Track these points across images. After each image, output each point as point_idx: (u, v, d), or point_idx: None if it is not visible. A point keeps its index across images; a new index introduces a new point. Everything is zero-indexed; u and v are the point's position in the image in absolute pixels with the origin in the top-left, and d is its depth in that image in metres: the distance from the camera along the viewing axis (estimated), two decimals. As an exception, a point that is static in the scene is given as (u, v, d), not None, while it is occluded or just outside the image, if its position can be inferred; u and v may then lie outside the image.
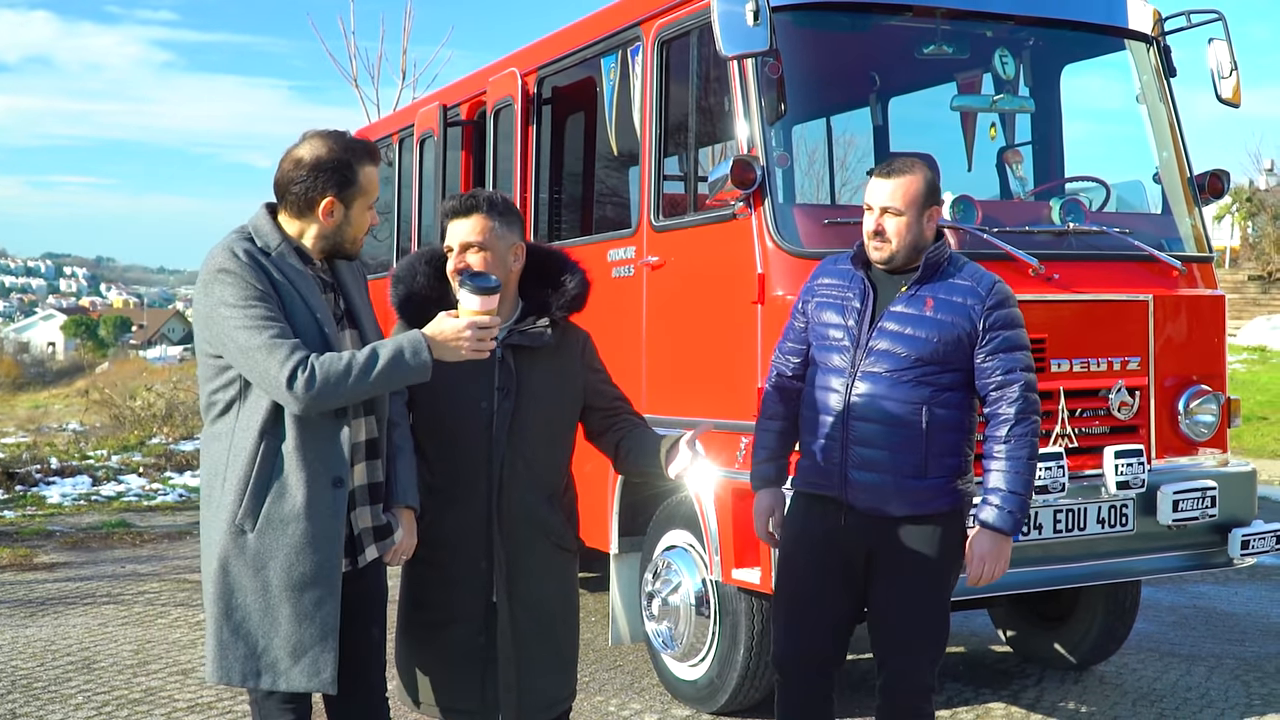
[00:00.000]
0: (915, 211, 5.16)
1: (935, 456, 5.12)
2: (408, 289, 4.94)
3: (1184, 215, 7.97)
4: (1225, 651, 9.01)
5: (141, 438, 21.88)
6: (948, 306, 5.12)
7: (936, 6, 7.49)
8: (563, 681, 5.00)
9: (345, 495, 4.38)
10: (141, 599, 10.64)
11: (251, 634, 4.36)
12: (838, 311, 5.25)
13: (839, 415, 5.15)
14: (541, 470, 4.87)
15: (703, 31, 7.31)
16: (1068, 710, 7.68)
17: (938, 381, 5.11)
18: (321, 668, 4.34)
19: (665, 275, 7.61)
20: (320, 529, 4.33)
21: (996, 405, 5.14)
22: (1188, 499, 7.13)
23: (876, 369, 5.12)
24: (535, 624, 4.85)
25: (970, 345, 5.13)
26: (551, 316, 4.87)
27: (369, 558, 4.61)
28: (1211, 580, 11.30)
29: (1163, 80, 8.11)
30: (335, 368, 4.17)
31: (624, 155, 8.77)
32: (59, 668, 8.55)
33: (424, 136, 11.05)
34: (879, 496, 5.14)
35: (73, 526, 14.21)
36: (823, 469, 5.22)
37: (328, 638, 4.34)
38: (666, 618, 7.53)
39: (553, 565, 4.92)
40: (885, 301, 5.19)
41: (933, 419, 5.11)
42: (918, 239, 5.19)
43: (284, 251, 4.42)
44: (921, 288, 5.17)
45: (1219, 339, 7.73)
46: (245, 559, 4.34)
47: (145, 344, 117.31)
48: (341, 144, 4.48)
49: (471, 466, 4.78)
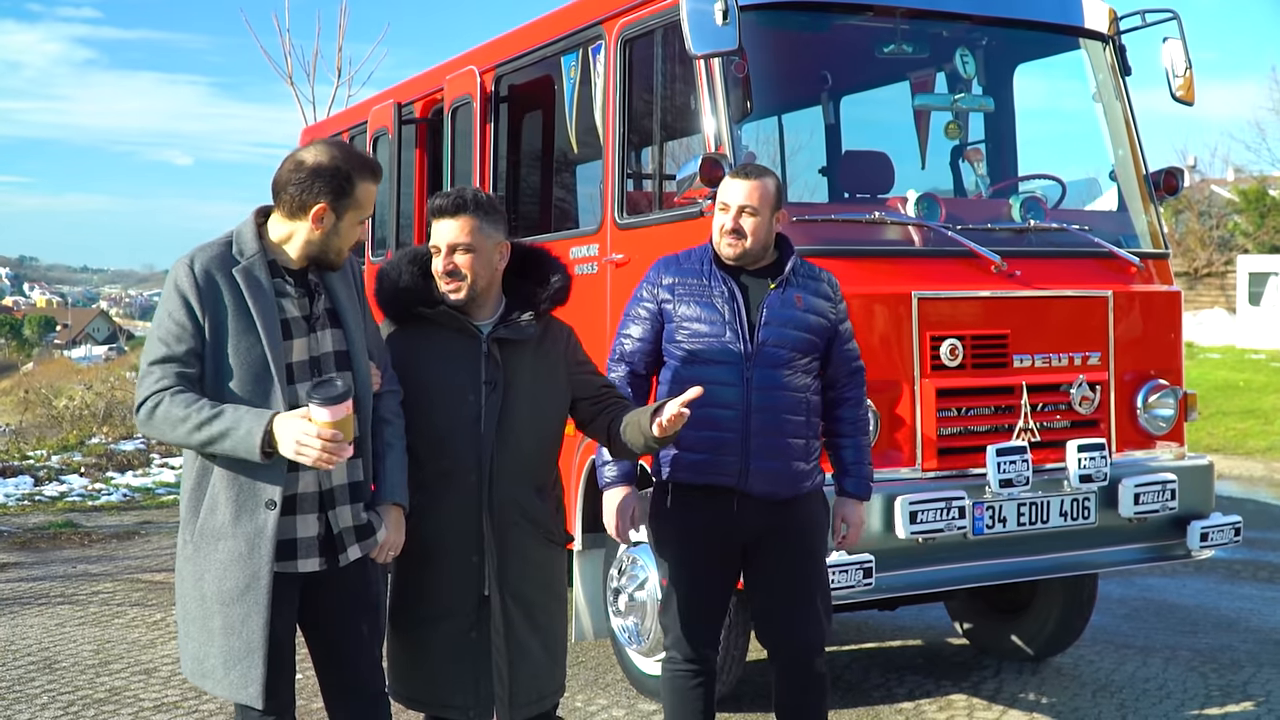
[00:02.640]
0: (768, 212, 5.52)
1: (812, 439, 5.62)
2: (392, 287, 4.99)
3: (1140, 212, 8.07)
4: (1179, 643, 9.13)
5: (81, 437, 21.69)
6: (813, 304, 5.59)
7: (896, 6, 7.57)
8: (553, 673, 5.06)
9: (275, 516, 4.39)
10: (96, 599, 10.57)
11: (195, 640, 4.51)
12: (708, 309, 5.51)
13: (740, 408, 5.43)
14: (530, 462, 4.92)
15: (667, 30, 7.36)
16: (1029, 702, 7.77)
17: (811, 370, 5.60)
18: (249, 681, 4.41)
19: (630, 273, 7.64)
20: (245, 548, 4.39)
21: (844, 389, 5.72)
22: (1149, 492, 7.23)
23: (769, 363, 5.45)
24: (525, 616, 4.90)
25: (829, 338, 5.63)
26: (536, 311, 4.94)
27: (350, 557, 4.62)
28: (1159, 573, 11.42)
29: (1118, 79, 8.20)
30: (174, 413, 4.27)
31: (584, 153, 8.80)
32: (20, 668, 8.51)
33: (378, 134, 11.03)
34: (775, 481, 5.50)
35: (19, 526, 14.07)
36: (722, 460, 5.47)
37: (254, 653, 4.40)
38: (632, 613, 7.56)
39: (541, 557, 4.98)
40: (757, 300, 5.51)
41: (810, 405, 5.59)
42: (768, 238, 5.56)
43: (254, 263, 4.47)
44: (787, 287, 5.53)
45: (1176, 334, 7.84)
46: (189, 570, 4.50)
47: (70, 344, 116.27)
48: (345, 155, 4.54)
49: (461, 460, 4.83)
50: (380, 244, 11.03)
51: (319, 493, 4.54)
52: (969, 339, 6.99)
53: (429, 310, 4.90)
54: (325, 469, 4.34)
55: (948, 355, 6.89)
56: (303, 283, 4.59)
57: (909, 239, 7.16)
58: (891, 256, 7.10)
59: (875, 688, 8.04)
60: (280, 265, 4.55)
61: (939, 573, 6.89)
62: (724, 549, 5.59)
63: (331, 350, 4.58)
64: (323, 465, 4.24)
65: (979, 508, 6.83)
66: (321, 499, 4.55)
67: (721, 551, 5.60)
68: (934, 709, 7.62)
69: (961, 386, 6.95)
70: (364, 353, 4.64)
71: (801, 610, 5.62)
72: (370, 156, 4.70)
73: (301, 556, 4.52)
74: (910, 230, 7.18)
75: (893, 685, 8.10)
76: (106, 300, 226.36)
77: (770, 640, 5.74)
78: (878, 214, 7.21)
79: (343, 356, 4.59)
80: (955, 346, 6.93)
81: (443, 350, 4.88)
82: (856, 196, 8.37)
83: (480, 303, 4.91)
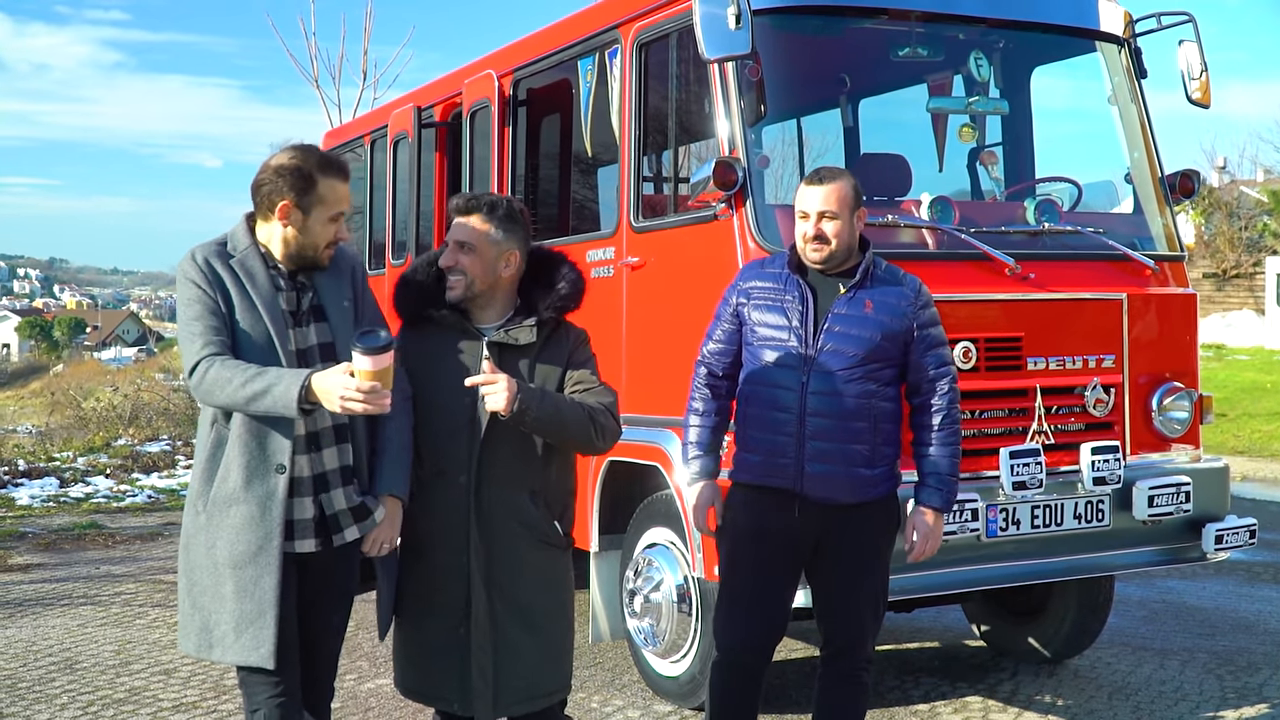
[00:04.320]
0: (848, 214, 5.52)
1: (879, 446, 5.54)
2: (405, 286, 5.08)
3: (1155, 215, 8.07)
4: (1197, 645, 9.13)
5: (107, 439, 21.80)
6: (885, 308, 5.52)
7: (911, 10, 7.60)
8: (549, 674, 5.07)
9: (285, 480, 4.59)
10: (119, 600, 10.65)
11: (205, 608, 4.65)
12: (779, 313, 5.55)
13: (795, 412, 5.47)
14: (522, 466, 4.95)
15: (682, 34, 7.39)
16: (1044, 704, 7.78)
17: (880, 377, 5.50)
18: (261, 642, 4.56)
19: (645, 276, 7.68)
20: (258, 511, 4.58)
21: (928, 396, 5.59)
22: (1163, 494, 7.23)
23: (828, 367, 5.44)
24: (517, 616, 4.94)
25: (905, 342, 5.55)
26: (539, 316, 4.97)
27: (348, 538, 4.78)
28: (1179, 575, 11.43)
29: (1134, 81, 8.21)
30: (223, 374, 4.49)
31: (601, 157, 8.83)
32: (41, 668, 8.57)
33: (398, 138, 11.08)
34: (832, 487, 5.47)
35: (44, 528, 14.17)
36: (778, 463, 5.51)
37: (266, 613, 4.56)
38: (648, 614, 7.59)
39: (538, 560, 5.00)
40: (826, 304, 5.52)
41: (878, 412, 5.52)
42: (851, 240, 5.56)
43: (247, 255, 4.71)
44: (859, 291, 5.51)
45: (1191, 337, 7.85)
46: (200, 538, 4.66)
47: (100, 345, 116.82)
48: (306, 154, 4.73)
49: (454, 460, 4.90)
50: (400, 248, 11.07)
51: (312, 477, 4.71)
52: (982, 341, 7.00)
53: (436, 312, 4.96)
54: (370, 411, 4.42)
55: (961, 358, 6.90)
56: (292, 281, 4.78)
57: (923, 242, 7.18)
58: (905, 259, 7.09)
59: (891, 689, 8.06)
60: (273, 261, 4.77)
61: (952, 575, 6.89)
62: (783, 551, 5.61)
63: (316, 344, 4.77)
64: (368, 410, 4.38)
65: (992, 510, 6.84)
66: (315, 483, 4.71)
67: (779, 553, 5.61)
68: (949, 710, 7.63)
69: (975, 389, 6.94)
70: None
71: (851, 617, 5.68)
72: (335, 156, 4.83)
73: (299, 537, 4.68)
74: (924, 233, 7.20)
75: (909, 687, 8.11)
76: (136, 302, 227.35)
77: (821, 640, 5.82)
78: (891, 217, 7.23)
79: (327, 349, 4.76)
80: (969, 349, 6.94)
81: (444, 352, 4.93)
82: (874, 199, 8.39)
83: (484, 305, 4.96)
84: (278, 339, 4.62)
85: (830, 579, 5.66)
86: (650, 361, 7.69)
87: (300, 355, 4.71)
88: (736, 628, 5.70)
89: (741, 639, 5.69)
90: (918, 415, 5.62)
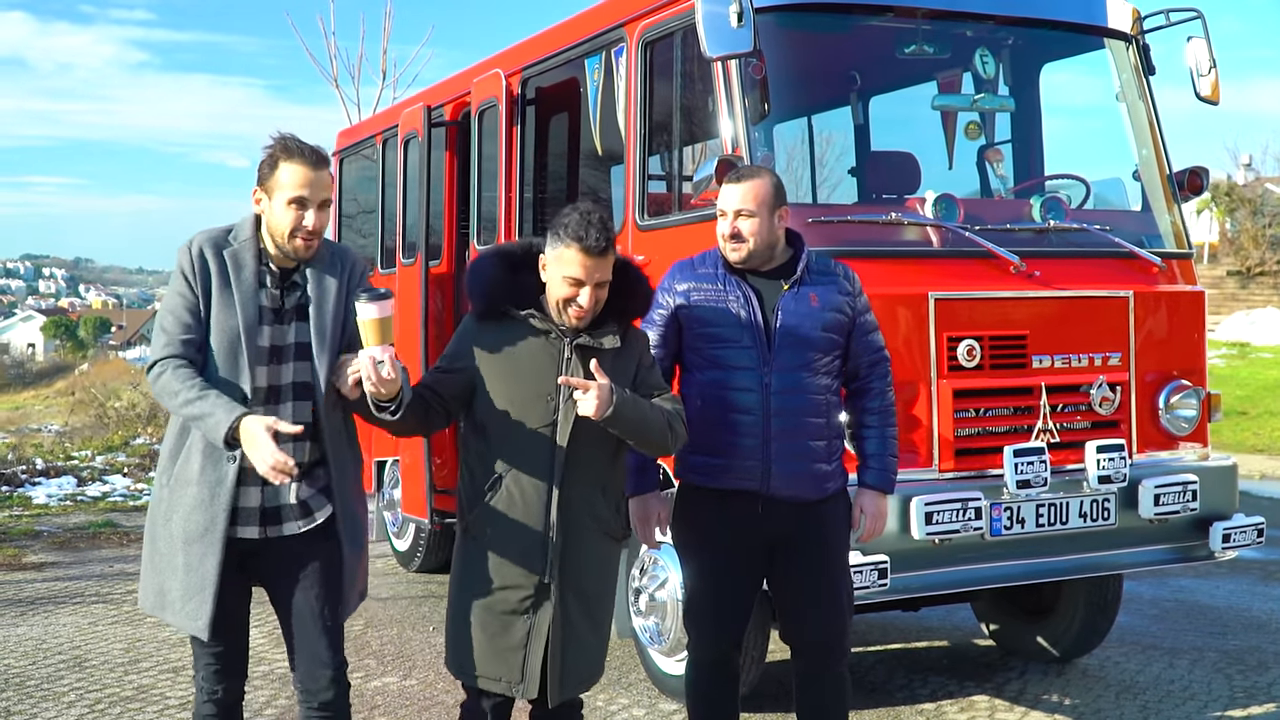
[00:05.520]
0: (766, 212, 5.52)
1: (833, 440, 5.63)
2: (494, 276, 5.12)
3: (1163, 212, 8.05)
4: (1207, 644, 9.10)
5: (125, 438, 21.86)
6: (828, 301, 5.57)
7: (917, 7, 7.58)
8: (599, 659, 5.28)
9: (234, 470, 4.78)
10: (130, 598, 10.66)
11: (161, 572, 4.94)
12: (722, 314, 5.54)
13: (759, 413, 5.48)
14: (598, 464, 5.09)
15: (687, 32, 7.38)
16: (1051, 703, 7.76)
17: (831, 369, 5.60)
18: (200, 615, 4.83)
19: (650, 274, 7.60)
20: (208, 495, 4.81)
21: (867, 380, 5.71)
22: (1169, 493, 7.20)
23: (789, 365, 5.48)
24: (580, 604, 5.09)
25: (848, 331, 5.63)
26: (621, 323, 5.12)
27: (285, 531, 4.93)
28: (1193, 574, 11.39)
29: (1142, 78, 8.18)
30: (171, 385, 4.73)
31: (608, 155, 8.83)
32: (51, 666, 8.60)
33: (408, 137, 11.08)
34: (798, 485, 5.52)
35: (60, 527, 14.23)
36: (744, 465, 5.51)
37: (206, 589, 4.81)
38: (653, 613, 7.59)
39: (600, 551, 5.17)
40: (770, 302, 5.52)
41: (831, 404, 5.61)
42: (770, 237, 5.56)
43: (242, 247, 4.85)
44: (801, 287, 5.54)
45: (1199, 335, 7.81)
46: (162, 508, 4.93)
47: (125, 344, 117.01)
48: (276, 141, 4.85)
49: (534, 456, 5.00)
50: (410, 249, 11.05)
51: None
52: (987, 340, 6.98)
53: (520, 311, 5.02)
54: (278, 481, 4.62)
55: (965, 356, 6.89)
56: (285, 277, 4.90)
57: (927, 239, 7.17)
58: (909, 257, 7.10)
59: (899, 689, 8.04)
60: (269, 256, 4.89)
61: (956, 574, 6.88)
62: (748, 551, 5.62)
63: (293, 342, 4.87)
64: (271, 477, 4.59)
65: (996, 509, 6.82)
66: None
67: (745, 554, 5.62)
68: (955, 710, 7.62)
69: (979, 387, 6.93)
70: (328, 349, 4.86)
71: (823, 612, 5.66)
72: (308, 145, 4.88)
73: (242, 524, 4.88)
74: (928, 231, 7.18)
75: (916, 686, 8.10)
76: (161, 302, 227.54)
77: (792, 641, 5.79)
78: (894, 215, 7.21)
79: (304, 349, 4.87)
80: (973, 347, 6.92)
81: (525, 351, 5.01)
82: (883, 197, 8.38)
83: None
84: (245, 335, 4.77)
85: (799, 577, 5.66)
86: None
87: (274, 352, 4.85)
88: (707, 629, 5.74)
89: (713, 639, 5.74)
90: (856, 399, 5.74)
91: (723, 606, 5.69)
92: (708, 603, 5.70)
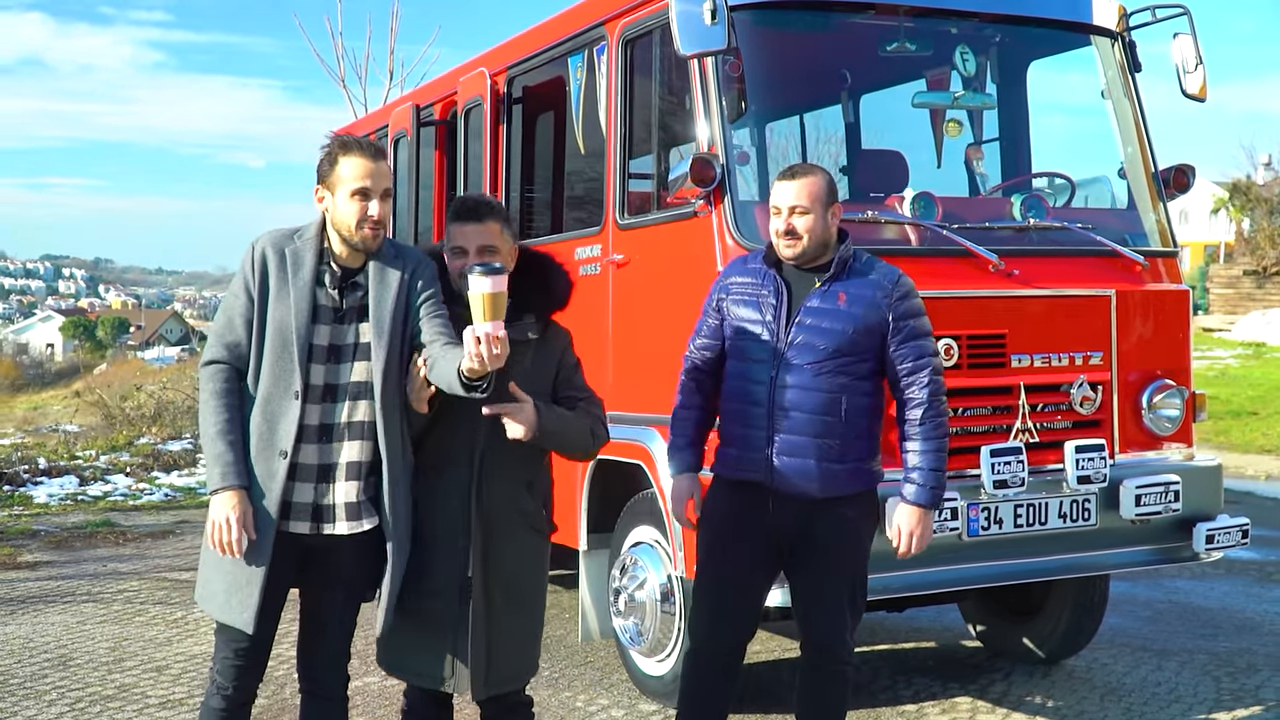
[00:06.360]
0: (820, 209, 5.54)
1: (852, 441, 5.54)
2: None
3: (1149, 210, 7.99)
4: (1197, 646, 9.04)
5: (130, 438, 21.88)
6: (859, 300, 5.51)
7: (898, 4, 7.54)
8: (531, 653, 5.30)
9: (286, 465, 4.83)
10: (120, 597, 10.67)
11: (209, 565, 4.99)
12: (754, 308, 5.60)
13: (765, 405, 5.51)
14: (520, 457, 5.10)
15: (665, 31, 7.32)
16: (1034, 705, 7.71)
17: (854, 371, 5.49)
18: (244, 609, 4.87)
19: (630, 273, 7.64)
20: (260, 489, 4.84)
21: (909, 390, 5.55)
22: (1150, 493, 7.14)
23: (798, 361, 5.48)
24: (507, 599, 5.11)
25: (882, 336, 5.53)
26: (538, 316, 5.16)
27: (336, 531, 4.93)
28: (1189, 575, 11.32)
29: (1128, 76, 8.12)
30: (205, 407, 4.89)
31: (591, 154, 8.80)
32: (35, 664, 8.60)
33: (398, 136, 11.09)
34: (800, 480, 5.51)
35: (58, 526, 14.23)
36: (750, 456, 5.56)
37: (253, 583, 4.85)
38: (633, 614, 7.57)
39: (525, 545, 5.19)
40: (800, 298, 5.55)
41: (850, 406, 5.52)
42: (824, 234, 5.57)
43: (304, 245, 4.90)
44: (834, 284, 5.53)
45: (1184, 334, 7.75)
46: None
47: (143, 345, 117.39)
48: (333, 139, 4.93)
49: (455, 450, 5.05)
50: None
51: (318, 466, 4.91)
52: (964, 339, 6.93)
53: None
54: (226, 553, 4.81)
55: (942, 355, 6.83)
56: (347, 277, 4.92)
57: (905, 238, 7.12)
58: (886, 256, 7.01)
59: (882, 689, 8.00)
60: (333, 255, 4.92)
61: (933, 574, 6.82)
62: (757, 546, 5.65)
63: (354, 342, 4.90)
64: (222, 550, 4.79)
65: (974, 509, 6.77)
66: (319, 472, 4.91)
67: (754, 548, 5.66)
68: (936, 711, 7.57)
69: (957, 387, 6.86)
70: (386, 346, 4.85)
71: (821, 611, 5.66)
72: (362, 138, 5.00)
73: (294, 518, 4.90)
74: (906, 229, 7.13)
75: (900, 687, 8.05)
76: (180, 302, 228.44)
77: (800, 637, 5.84)
78: (871, 213, 7.16)
79: (366, 349, 4.89)
80: (950, 346, 6.87)
81: None
82: (870, 195, 8.33)
83: None
84: (298, 333, 4.81)
85: (806, 575, 5.68)
86: (635, 359, 7.65)
87: (333, 351, 4.90)
88: (709, 620, 5.76)
89: (714, 631, 5.76)
90: (900, 410, 5.60)
91: (724, 595, 5.72)
92: (708, 591, 5.75)
